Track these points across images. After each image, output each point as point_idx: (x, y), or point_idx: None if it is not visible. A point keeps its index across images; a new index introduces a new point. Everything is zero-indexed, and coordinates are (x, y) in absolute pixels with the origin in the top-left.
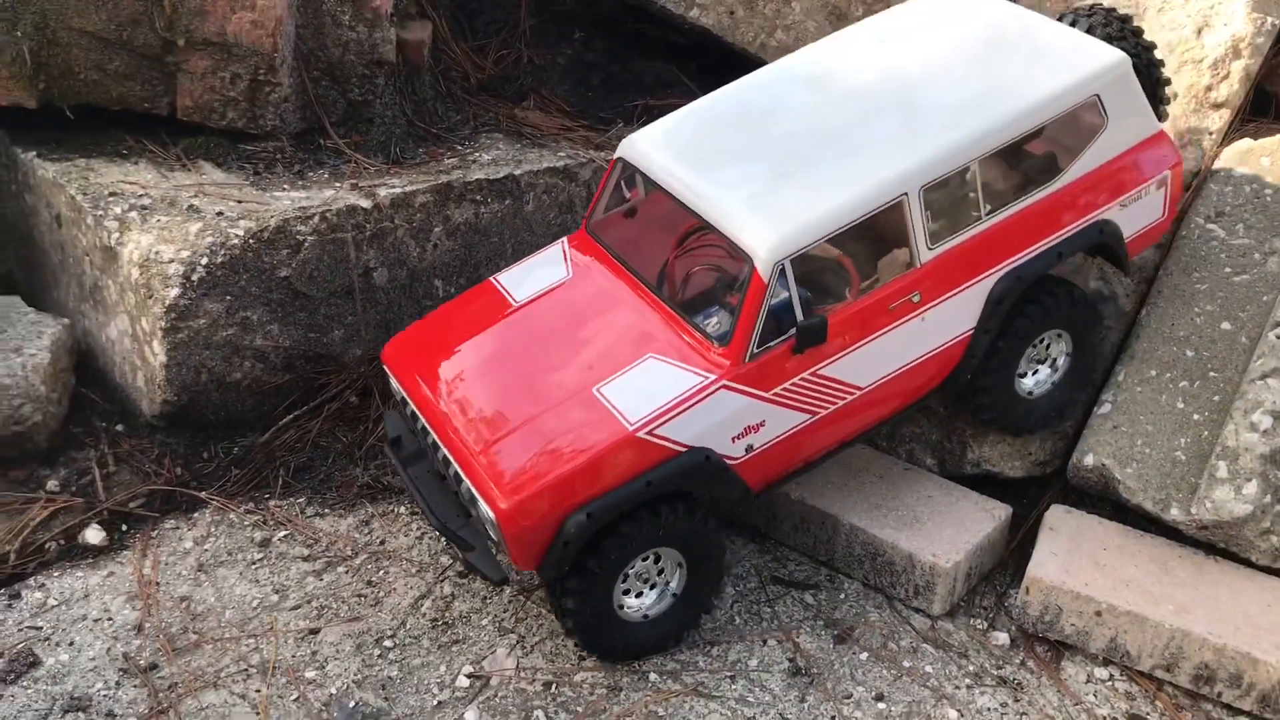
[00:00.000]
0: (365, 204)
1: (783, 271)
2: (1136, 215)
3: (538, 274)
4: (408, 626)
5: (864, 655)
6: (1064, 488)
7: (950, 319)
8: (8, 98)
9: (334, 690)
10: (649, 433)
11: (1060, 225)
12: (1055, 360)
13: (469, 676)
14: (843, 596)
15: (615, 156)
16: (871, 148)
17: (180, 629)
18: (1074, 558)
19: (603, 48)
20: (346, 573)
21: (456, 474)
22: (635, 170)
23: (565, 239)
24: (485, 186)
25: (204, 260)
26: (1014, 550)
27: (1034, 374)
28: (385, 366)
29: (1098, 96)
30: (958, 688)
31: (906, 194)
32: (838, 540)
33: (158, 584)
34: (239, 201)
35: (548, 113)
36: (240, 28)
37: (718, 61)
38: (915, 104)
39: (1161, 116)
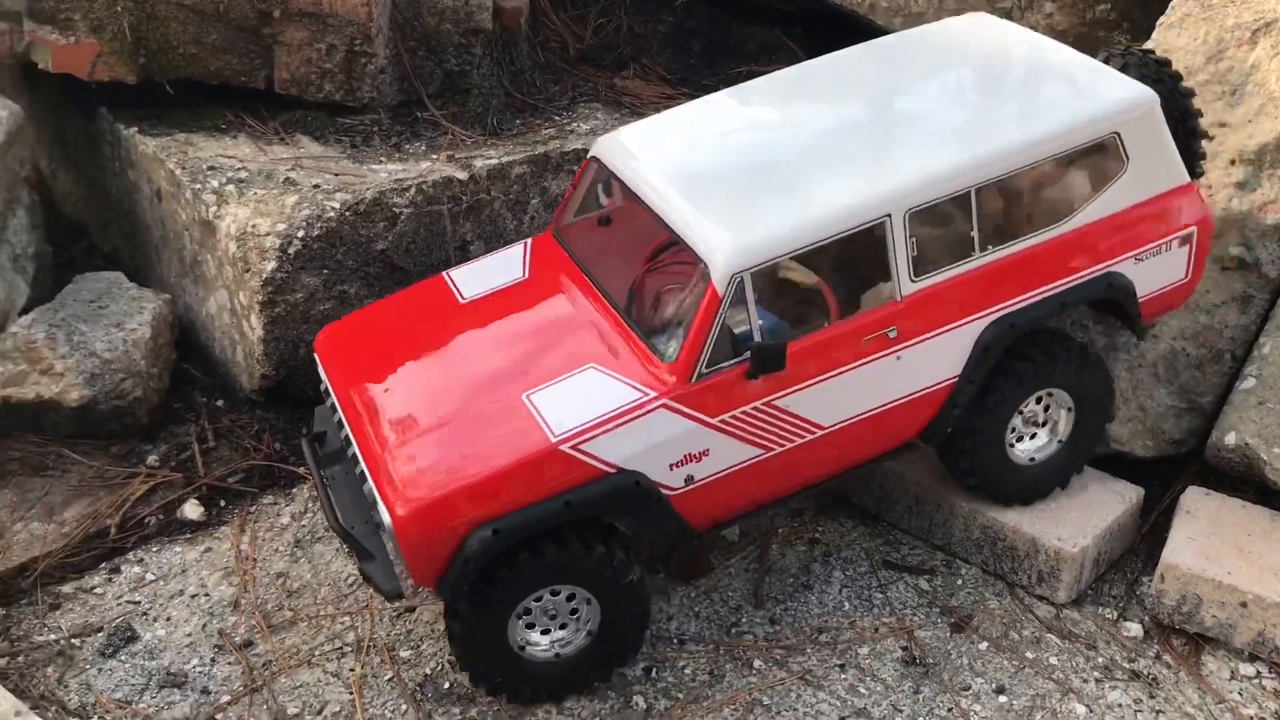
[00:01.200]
0: (461, 176)
1: (741, 285)
2: (1154, 273)
3: (491, 273)
4: None
5: (983, 645)
6: (1201, 469)
7: (930, 362)
8: (109, 73)
9: (428, 671)
10: (573, 447)
11: (1065, 273)
12: (1056, 424)
13: None
14: (960, 583)
15: (589, 155)
16: (858, 166)
17: (276, 605)
18: (1214, 543)
19: (705, 14)
20: None
21: (361, 473)
22: (609, 172)
23: (530, 240)
24: (583, 157)
25: (300, 233)
26: (1146, 535)
27: (1031, 438)
28: (315, 355)
29: (1118, 135)
30: (1086, 681)
31: (889, 216)
32: (955, 523)
33: (255, 560)
34: (335, 174)
35: (648, 81)
36: None
37: (824, 26)
38: (914, 126)
39: (1196, 172)
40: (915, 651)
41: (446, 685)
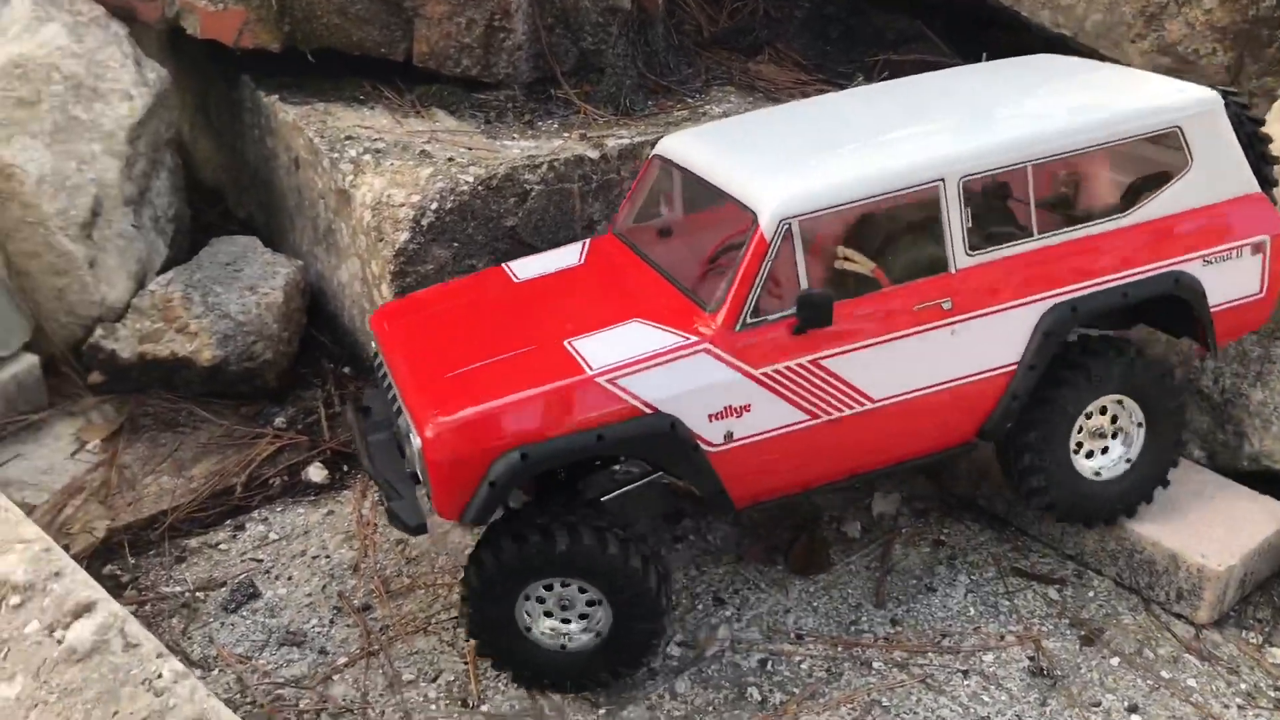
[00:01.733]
0: (593, 154)
1: (789, 233)
2: (1225, 280)
3: (549, 260)
4: None
5: (1114, 661)
6: None
7: (986, 342)
8: (254, 41)
9: None
10: (610, 381)
11: (1128, 264)
12: (1128, 435)
13: (681, 645)
14: (1091, 595)
15: (652, 154)
16: (915, 137)
17: (394, 571)
18: None
19: (844, 0)
20: None
21: (399, 409)
22: (671, 167)
23: (590, 239)
24: None
25: (434, 205)
26: None
27: (1103, 452)
28: (371, 331)
29: (1180, 130)
30: (1226, 707)
31: (943, 181)
32: (1089, 533)
33: (375, 525)
34: (469, 149)
35: (782, 66)
36: None
37: (967, 17)
38: (974, 110)
39: (1270, 184)
40: (1042, 662)
41: None
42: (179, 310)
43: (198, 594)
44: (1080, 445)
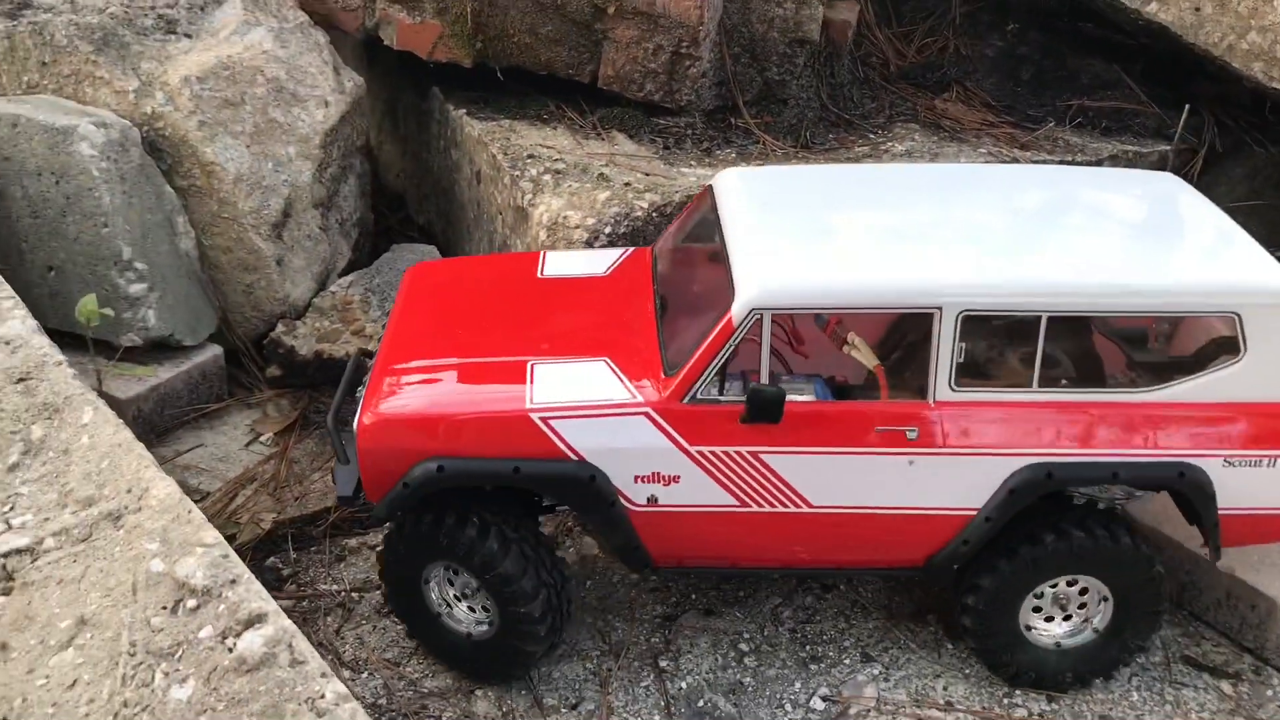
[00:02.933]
0: None
1: (759, 324)
2: (1249, 487)
3: (580, 262)
4: (765, 633)
5: None
6: None
7: (946, 481)
8: (447, 55)
9: (684, 685)
10: (544, 419)
11: (1131, 444)
12: (1092, 617)
13: (825, 700)
14: (1270, 694)
15: (707, 185)
16: (933, 253)
17: None
18: None
19: (1038, 41)
20: None
21: (364, 381)
22: (714, 202)
23: (634, 248)
24: None
25: (608, 229)
26: None
27: (1063, 620)
28: (403, 279)
29: (1237, 316)
30: None
31: (941, 309)
32: (1272, 627)
33: None
34: (646, 174)
35: (970, 106)
36: None
37: (1169, 64)
38: (1015, 237)
39: None
40: None
41: (700, 703)
42: (357, 313)
43: (353, 594)
44: (1039, 608)
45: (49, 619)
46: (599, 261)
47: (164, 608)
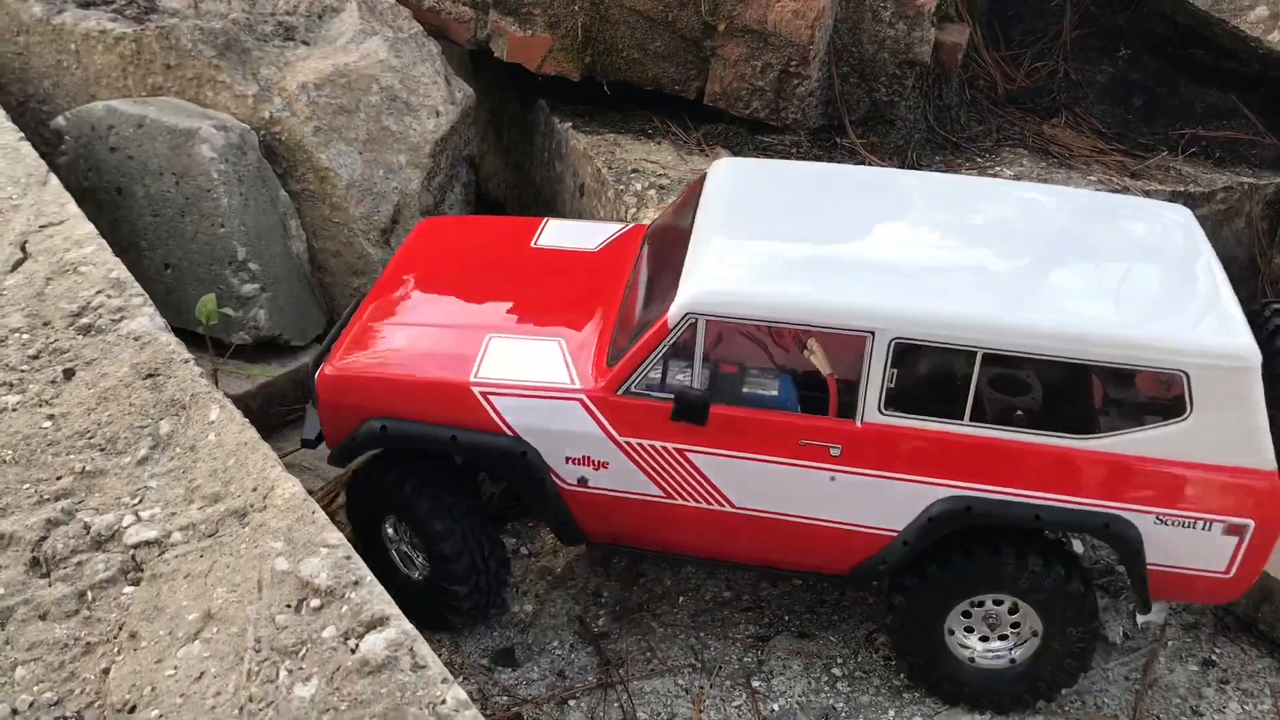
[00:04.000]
0: None
1: (693, 328)
2: (1178, 546)
3: (575, 234)
4: (859, 659)
5: None
6: None
7: (866, 501)
8: (556, 68)
9: (776, 708)
10: (484, 394)
11: (1058, 489)
12: (1020, 640)
13: None
14: None
15: (706, 172)
16: (883, 277)
17: (637, 606)
18: None
19: (1151, 67)
20: (801, 585)
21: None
22: (703, 189)
23: (633, 225)
24: None
25: None
26: None
27: (993, 639)
28: (412, 232)
29: (1185, 376)
30: None
31: (873, 334)
32: None
33: (624, 557)
34: None
35: (1080, 132)
36: (781, 17)
37: None
38: (978, 267)
39: None
40: None
41: None
42: None
43: None
44: (971, 629)
45: (177, 611)
46: (595, 235)
47: (288, 606)
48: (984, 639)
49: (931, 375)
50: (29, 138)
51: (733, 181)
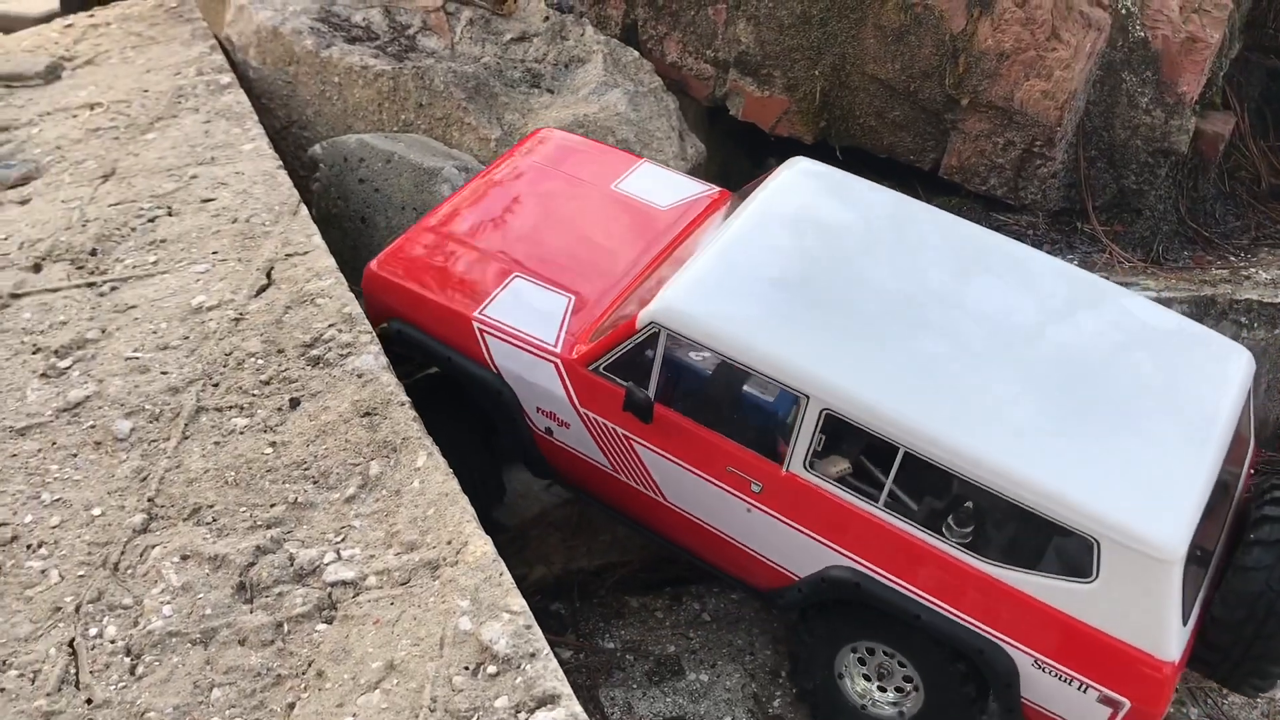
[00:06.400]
0: None
1: (654, 336)
2: (1052, 693)
3: (657, 186)
4: None
5: None
6: None
7: (777, 542)
8: (790, 130)
9: None
10: (480, 329)
11: (949, 597)
12: (904, 700)
13: None
14: None
15: (781, 164)
16: (859, 336)
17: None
18: None
19: None
20: None
21: None
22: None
23: (720, 191)
24: (1256, 309)
25: None
26: None
27: (877, 687)
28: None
29: (1096, 544)
30: None
31: (807, 399)
32: None
33: None
34: None
35: None
36: (1029, 96)
37: None
38: (971, 352)
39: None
40: None
41: None
42: None
43: (627, 656)
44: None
45: (363, 656)
46: (673, 193)
47: (466, 668)
48: (881, 689)
49: (856, 451)
50: (288, 160)
51: (791, 187)
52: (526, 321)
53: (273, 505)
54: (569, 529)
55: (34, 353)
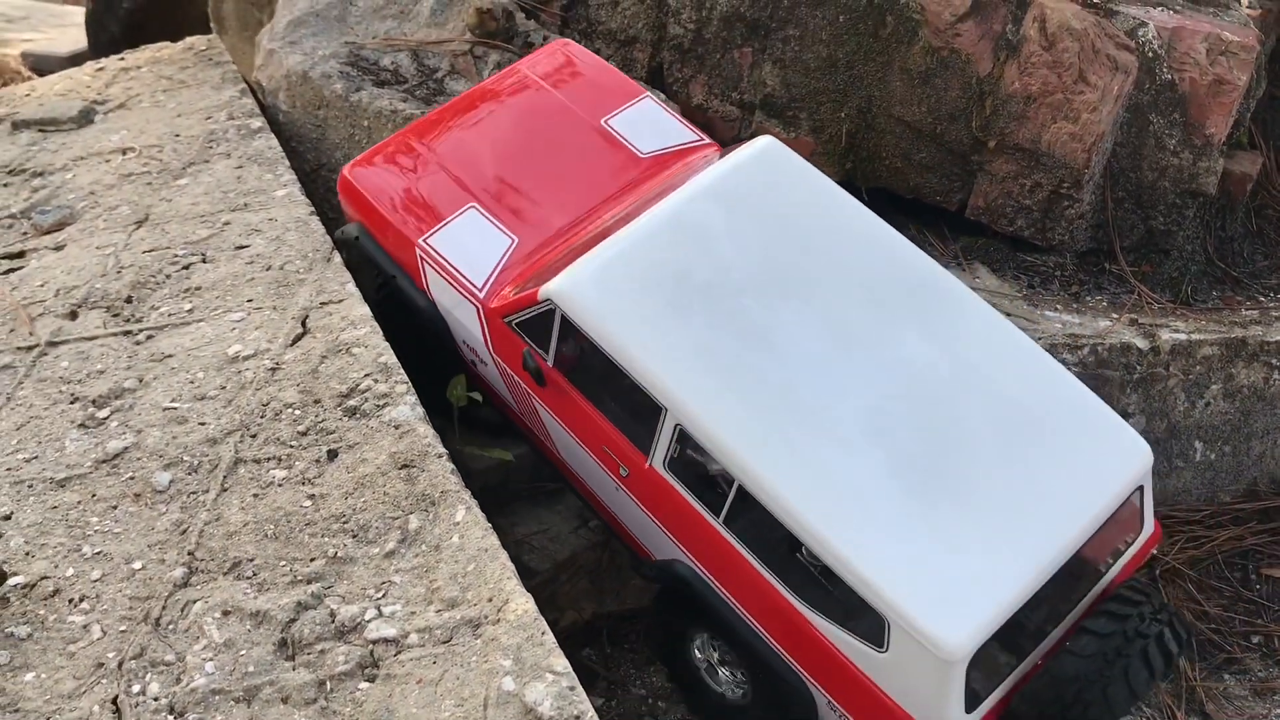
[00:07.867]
0: (1142, 344)
1: (550, 312)
2: None
3: (645, 128)
4: None
5: None
6: None
7: (634, 520)
8: None
9: None
10: (422, 253)
11: (767, 623)
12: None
13: None
14: None
15: (748, 140)
16: (732, 354)
17: None
18: None
19: None
20: None
21: None
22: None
23: (706, 144)
24: None
25: None
26: None
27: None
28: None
29: (887, 623)
30: None
31: (665, 411)
32: None
33: None
34: (1007, 314)
35: None
36: (1056, 138)
37: None
38: (844, 403)
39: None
40: None
41: None
42: None
43: (659, 704)
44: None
45: (406, 717)
46: (660, 138)
47: None
48: (727, 669)
49: (705, 467)
50: (318, 204)
51: (742, 169)
52: (463, 259)
53: (312, 559)
54: (598, 571)
55: (72, 402)
